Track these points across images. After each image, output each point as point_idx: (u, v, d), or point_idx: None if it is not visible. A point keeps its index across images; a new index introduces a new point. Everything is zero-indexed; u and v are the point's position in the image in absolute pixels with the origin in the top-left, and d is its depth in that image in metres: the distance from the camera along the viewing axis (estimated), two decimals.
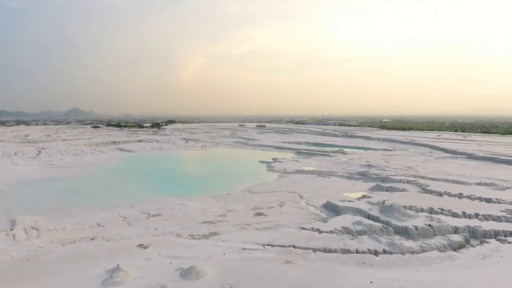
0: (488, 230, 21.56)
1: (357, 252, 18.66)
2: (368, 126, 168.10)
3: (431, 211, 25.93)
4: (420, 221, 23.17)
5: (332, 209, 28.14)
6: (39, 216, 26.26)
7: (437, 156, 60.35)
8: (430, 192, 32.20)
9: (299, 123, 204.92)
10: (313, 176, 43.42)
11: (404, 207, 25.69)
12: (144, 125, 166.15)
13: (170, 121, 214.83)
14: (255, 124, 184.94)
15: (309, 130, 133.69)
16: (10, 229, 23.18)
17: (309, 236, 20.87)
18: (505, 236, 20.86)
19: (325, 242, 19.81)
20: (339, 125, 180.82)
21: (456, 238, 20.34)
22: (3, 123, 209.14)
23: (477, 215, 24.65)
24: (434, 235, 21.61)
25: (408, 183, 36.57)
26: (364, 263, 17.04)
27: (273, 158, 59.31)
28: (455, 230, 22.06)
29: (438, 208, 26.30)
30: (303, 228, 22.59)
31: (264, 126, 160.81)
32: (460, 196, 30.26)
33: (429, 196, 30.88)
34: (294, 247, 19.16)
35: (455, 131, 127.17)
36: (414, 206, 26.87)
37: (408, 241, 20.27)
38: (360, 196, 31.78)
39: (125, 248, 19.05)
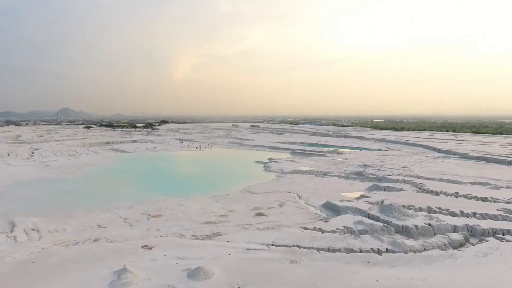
0: (486, 229, 22.01)
1: (361, 251, 18.92)
2: (361, 126, 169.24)
3: (430, 210, 26.35)
4: (420, 220, 23.53)
5: (332, 209, 28.40)
6: (38, 218, 26.04)
7: (431, 156, 61.16)
8: (427, 192, 32.66)
9: (292, 123, 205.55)
10: (311, 176, 43.69)
11: (403, 207, 26.03)
12: (137, 125, 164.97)
13: (163, 121, 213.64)
14: (249, 124, 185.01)
15: (303, 130, 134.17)
16: (10, 231, 22.91)
17: (312, 236, 21.07)
18: (503, 235, 21.31)
19: (329, 242, 20.04)
20: (332, 125, 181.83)
21: (456, 237, 20.73)
22: None
23: (475, 214, 25.12)
24: (434, 234, 21.96)
25: (405, 183, 37.04)
26: (369, 262, 17.30)
27: (269, 158, 59.48)
28: (454, 229, 22.45)
29: (436, 208, 26.73)
30: (306, 228, 22.78)
31: (258, 126, 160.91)
32: (457, 196, 30.76)
33: (426, 196, 31.35)
34: (299, 247, 19.33)
35: (447, 131, 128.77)
36: (413, 206, 27.26)
37: (410, 240, 20.61)
38: (359, 196, 32.09)
39: (130, 249, 19.03)
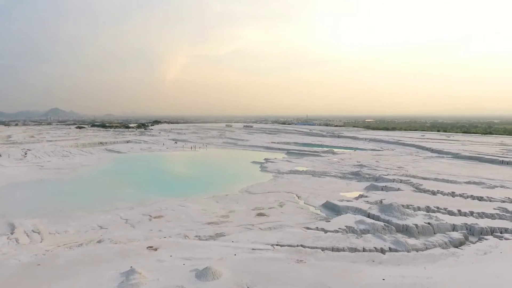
0: (485, 227, 22.49)
1: (364, 251, 19.19)
2: (353, 126, 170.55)
3: (428, 210, 26.77)
4: (419, 219, 23.94)
5: (332, 209, 28.69)
6: (38, 219, 25.81)
7: (425, 156, 61.99)
8: (424, 191, 33.15)
9: (285, 123, 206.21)
10: (308, 176, 43.99)
11: (402, 206, 26.42)
12: (130, 126, 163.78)
13: (156, 121, 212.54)
14: (242, 124, 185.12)
15: (296, 130, 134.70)
16: (11, 233, 22.70)
17: (316, 236, 21.30)
18: (501, 233, 21.82)
19: (332, 241, 20.28)
20: (324, 125, 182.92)
21: (456, 236, 21.15)
22: None
23: (472, 213, 25.62)
24: (434, 233, 22.37)
25: (401, 183, 37.53)
26: (373, 261, 17.58)
27: (265, 159, 59.66)
28: (453, 228, 22.88)
29: (434, 207, 27.18)
30: (308, 228, 23.01)
31: (251, 127, 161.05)
32: (453, 195, 31.29)
33: (424, 195, 31.82)
34: (303, 247, 19.54)
35: (438, 131, 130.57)
36: (411, 205, 27.67)
37: (411, 239, 20.97)
38: (358, 196, 32.44)
39: (135, 251, 19.02)
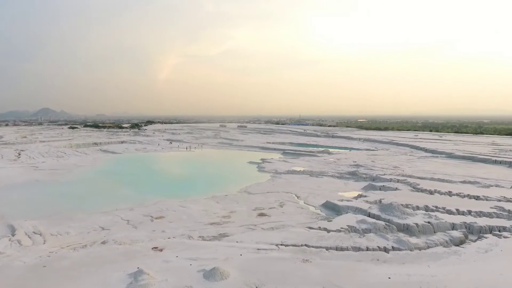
0: (483, 226, 22.94)
1: (368, 250, 19.43)
2: (345, 126, 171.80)
3: (427, 209, 27.19)
4: (419, 219, 24.32)
5: (332, 209, 28.96)
6: (38, 221, 25.59)
7: (419, 156, 62.76)
8: (422, 191, 33.61)
9: (279, 123, 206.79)
10: (305, 176, 44.25)
11: (402, 206, 26.79)
12: (124, 126, 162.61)
13: (149, 122, 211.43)
14: (236, 125, 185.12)
15: (290, 131, 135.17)
16: (12, 235, 22.49)
17: (319, 235, 21.51)
18: (499, 231, 22.28)
19: (336, 241, 20.50)
20: (318, 125, 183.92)
21: (456, 234, 21.53)
22: None
23: (470, 212, 26.10)
24: (434, 232, 22.76)
25: (399, 182, 37.99)
26: (378, 260, 17.84)
27: (262, 159, 59.85)
28: (453, 227, 23.29)
29: (433, 206, 27.61)
30: (311, 228, 23.21)
31: (246, 127, 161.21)
32: (450, 194, 31.80)
33: (421, 195, 32.28)
34: (307, 246, 19.72)
35: (430, 131, 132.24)
36: (410, 204, 28.05)
37: (413, 238, 21.30)
38: (356, 196, 32.76)
39: (141, 251, 19.01)
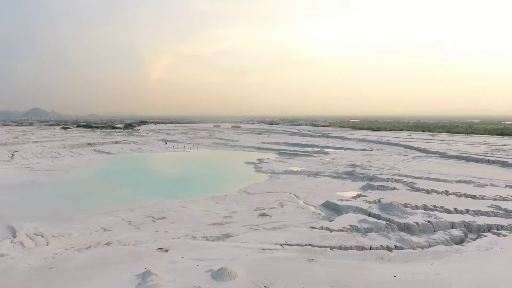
0: (482, 225, 23.39)
1: (371, 249, 19.70)
2: (338, 126, 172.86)
3: (426, 208, 27.59)
4: (419, 218, 24.68)
5: (332, 208, 29.22)
6: (38, 222, 25.42)
7: (413, 156, 63.48)
8: (419, 190, 34.04)
9: (273, 123, 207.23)
10: (303, 177, 44.51)
11: (401, 205, 27.15)
12: (117, 126, 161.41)
13: (143, 122, 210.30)
14: (230, 125, 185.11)
15: (285, 131, 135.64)
16: (13, 237, 22.30)
17: (322, 235, 21.73)
18: (498, 230, 22.74)
19: (339, 240, 20.74)
20: (311, 126, 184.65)
21: (456, 233, 21.93)
22: None
23: (468, 211, 26.54)
24: (434, 231, 23.12)
25: (396, 182, 38.42)
26: (382, 259, 18.11)
27: (258, 159, 59.99)
28: (452, 225, 23.69)
29: (431, 205, 28.02)
30: (314, 227, 23.42)
31: (240, 127, 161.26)
32: (447, 194, 32.29)
33: (419, 194, 32.71)
34: (312, 246, 19.92)
35: (423, 131, 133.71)
36: (409, 204, 28.42)
37: (414, 237, 21.62)
38: (355, 195, 33.08)
39: (146, 252, 19.03)
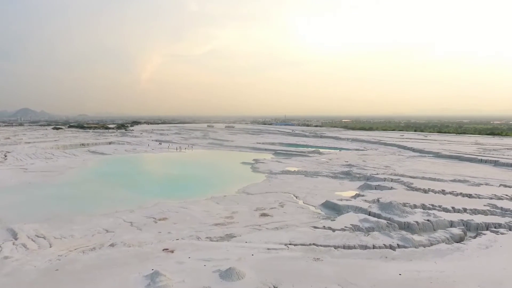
0: (480, 223, 23.89)
1: (374, 248, 19.98)
2: (331, 126, 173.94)
3: (424, 207, 28.05)
4: (419, 217, 25.12)
5: (333, 208, 29.50)
6: (38, 224, 25.15)
7: (407, 155, 64.26)
8: (416, 190, 34.53)
9: (266, 123, 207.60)
10: (301, 177, 44.78)
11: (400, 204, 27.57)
12: (110, 126, 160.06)
13: (135, 122, 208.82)
14: (224, 125, 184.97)
15: (279, 131, 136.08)
16: (15, 239, 22.07)
17: (325, 234, 21.96)
18: (496, 228, 23.26)
19: (343, 239, 20.99)
20: (304, 126, 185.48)
21: (456, 231, 22.34)
22: None
23: (465, 210, 27.05)
24: (434, 230, 23.55)
25: (393, 181, 38.91)
26: (386, 257, 18.41)
27: (254, 159, 60.13)
28: (451, 224, 24.15)
29: (430, 204, 28.49)
30: (316, 227, 23.64)
31: (233, 127, 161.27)
32: (444, 193, 32.84)
33: (416, 193, 33.20)
34: (316, 245, 20.12)
35: (415, 131, 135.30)
36: (408, 203, 28.83)
37: (415, 236, 21.97)
38: (354, 195, 33.43)
39: (152, 253, 19.03)
